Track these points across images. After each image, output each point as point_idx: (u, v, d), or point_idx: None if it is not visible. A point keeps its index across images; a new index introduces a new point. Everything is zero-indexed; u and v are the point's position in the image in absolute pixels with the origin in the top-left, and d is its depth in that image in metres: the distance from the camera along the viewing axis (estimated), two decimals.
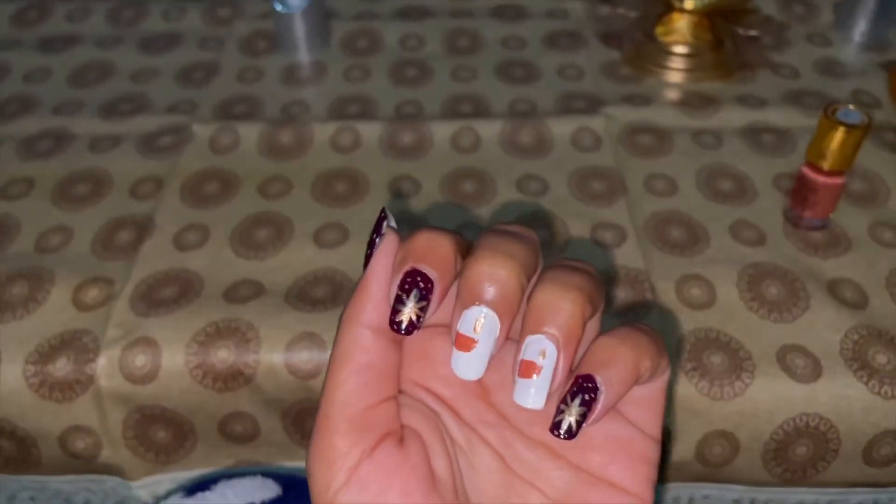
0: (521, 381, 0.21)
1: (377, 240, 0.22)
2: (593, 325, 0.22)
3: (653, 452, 0.23)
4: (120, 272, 0.44)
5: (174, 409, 0.41)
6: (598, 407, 0.20)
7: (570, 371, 0.21)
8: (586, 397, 0.20)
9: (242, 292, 0.43)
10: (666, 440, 0.40)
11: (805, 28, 0.65)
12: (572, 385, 0.20)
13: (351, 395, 0.21)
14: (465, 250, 0.21)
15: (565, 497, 0.23)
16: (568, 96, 0.57)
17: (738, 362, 0.40)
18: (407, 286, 0.20)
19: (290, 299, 0.42)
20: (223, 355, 0.40)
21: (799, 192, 0.46)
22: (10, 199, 0.49)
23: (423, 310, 0.20)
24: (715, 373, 0.39)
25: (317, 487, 0.21)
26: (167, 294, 0.42)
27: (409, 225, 0.47)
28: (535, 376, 0.20)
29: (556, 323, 0.20)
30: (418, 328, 0.21)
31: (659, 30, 0.59)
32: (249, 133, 0.53)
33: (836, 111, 0.43)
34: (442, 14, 0.66)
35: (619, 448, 0.23)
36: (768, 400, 0.39)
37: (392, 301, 0.21)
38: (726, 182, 0.50)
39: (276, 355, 0.40)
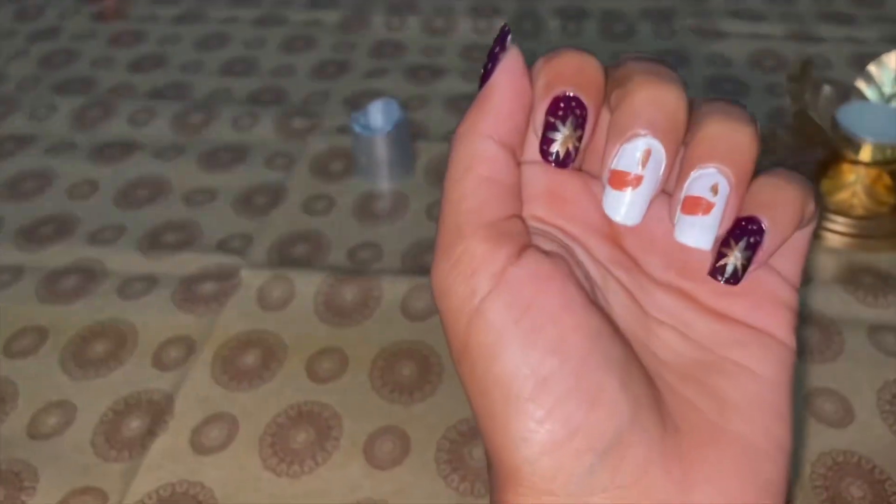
0: (685, 219, 0.19)
1: (499, 53, 0.19)
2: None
3: (795, 300, 0.22)
4: (116, 482, 0.35)
5: None
6: (764, 250, 0.19)
7: (737, 214, 0.19)
8: (751, 240, 0.19)
9: None
10: None
11: None
12: (734, 227, 0.19)
13: (481, 203, 0.19)
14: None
15: (710, 339, 0.21)
16: None
17: None
18: (561, 112, 0.19)
19: None
20: None
21: None
22: (13, 357, 0.41)
23: (579, 138, 0.19)
24: None
25: (454, 302, 0.19)
26: None
27: None
28: (701, 213, 0.19)
29: (732, 157, 0.18)
30: (573, 161, 0.19)
31: (825, 184, 0.47)
32: (306, 286, 0.44)
33: None
34: None
35: (762, 294, 0.21)
36: None
37: (543, 129, 0.19)
38: None
39: None
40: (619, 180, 0.19)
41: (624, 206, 0.19)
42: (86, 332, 0.42)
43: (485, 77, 0.20)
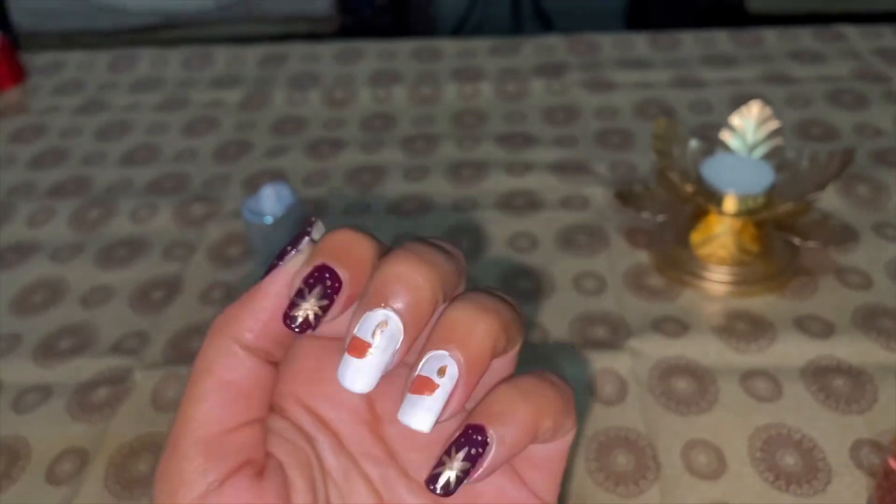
0: (411, 398, 0.19)
1: (290, 252, 0.20)
2: (505, 365, 0.21)
3: None
4: None
5: None
6: (485, 464, 0.18)
7: (466, 401, 0.19)
8: (472, 451, 0.18)
9: None
10: None
11: (872, 215, 0.54)
12: (460, 434, 0.19)
13: (207, 413, 0.19)
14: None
15: None
16: (586, 320, 0.48)
17: None
18: (312, 280, 0.19)
19: None
20: None
21: (887, 490, 0.35)
22: None
23: (323, 308, 0.19)
24: None
25: None
26: None
27: None
28: (428, 395, 0.18)
29: (464, 343, 0.18)
30: (313, 328, 0.19)
31: (694, 237, 0.49)
32: None
33: None
34: (443, 207, 0.58)
35: None
36: None
37: (293, 294, 0.19)
38: (789, 455, 0.39)
39: None
40: (353, 346, 0.19)
41: (350, 372, 0.19)
42: None
43: (269, 269, 0.20)
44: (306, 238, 0.20)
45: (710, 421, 0.41)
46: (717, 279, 0.48)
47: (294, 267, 0.20)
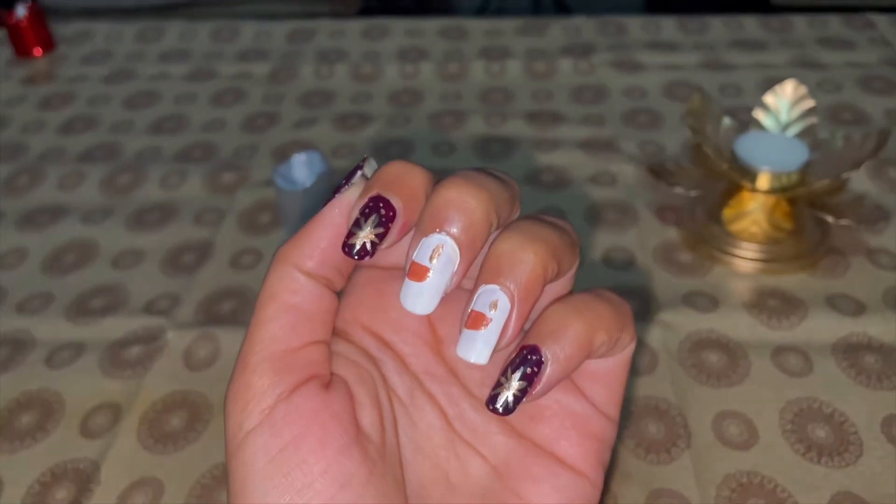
0: (467, 333, 0.19)
1: (344, 186, 0.20)
2: (560, 288, 0.21)
3: (607, 432, 0.22)
4: None
5: None
6: (541, 382, 0.19)
7: (520, 330, 0.19)
8: (528, 370, 0.19)
9: None
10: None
11: None
12: (515, 355, 0.19)
13: (274, 334, 0.20)
14: None
15: (507, 466, 0.21)
16: (616, 292, 0.48)
17: None
18: (367, 210, 0.19)
19: None
20: None
21: None
22: None
23: (379, 237, 0.19)
24: None
25: (230, 428, 0.20)
26: None
27: None
28: (482, 329, 0.19)
29: (513, 275, 0.19)
30: (370, 255, 0.19)
31: (727, 213, 0.49)
32: (232, 343, 0.45)
33: None
34: None
35: (570, 423, 0.22)
36: None
37: (350, 224, 0.19)
38: (820, 428, 0.39)
39: None
40: (412, 271, 0.19)
41: (411, 296, 0.19)
42: (13, 405, 0.42)
43: (326, 203, 0.20)
44: (359, 172, 0.21)
45: (740, 393, 0.41)
46: (749, 256, 0.48)
47: (349, 198, 0.20)
